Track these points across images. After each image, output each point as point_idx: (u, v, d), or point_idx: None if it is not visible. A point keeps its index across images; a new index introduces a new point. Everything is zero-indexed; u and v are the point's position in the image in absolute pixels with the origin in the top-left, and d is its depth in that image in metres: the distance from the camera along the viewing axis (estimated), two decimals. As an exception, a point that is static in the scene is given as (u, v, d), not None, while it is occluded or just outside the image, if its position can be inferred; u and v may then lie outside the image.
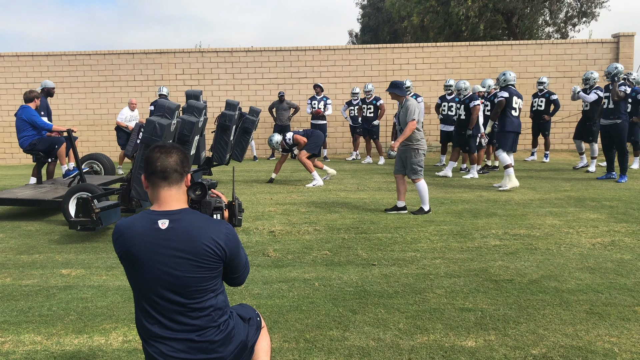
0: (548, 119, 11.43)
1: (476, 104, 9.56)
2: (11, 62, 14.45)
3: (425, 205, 6.73)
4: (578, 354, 3.04)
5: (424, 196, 6.69)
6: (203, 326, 2.06)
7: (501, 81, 8.78)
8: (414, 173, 6.62)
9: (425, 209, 6.72)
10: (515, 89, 8.70)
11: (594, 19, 21.08)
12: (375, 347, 3.18)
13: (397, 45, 14.65)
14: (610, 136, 8.81)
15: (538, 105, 11.51)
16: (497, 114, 8.62)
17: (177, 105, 6.13)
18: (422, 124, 6.75)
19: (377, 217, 6.60)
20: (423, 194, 6.68)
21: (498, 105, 8.59)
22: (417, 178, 6.63)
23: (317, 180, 8.98)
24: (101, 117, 14.67)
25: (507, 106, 8.53)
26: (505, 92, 8.54)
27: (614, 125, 8.70)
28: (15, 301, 4.06)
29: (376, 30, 29.86)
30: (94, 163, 8.96)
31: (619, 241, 5.34)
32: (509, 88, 8.62)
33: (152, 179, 2.08)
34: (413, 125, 6.46)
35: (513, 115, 8.52)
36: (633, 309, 3.67)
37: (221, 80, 14.54)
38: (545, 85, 11.48)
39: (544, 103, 11.39)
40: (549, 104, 11.38)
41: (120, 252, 2.08)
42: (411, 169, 6.64)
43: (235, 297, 4.00)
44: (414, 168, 6.62)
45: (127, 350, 3.20)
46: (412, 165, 6.63)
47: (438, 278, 4.36)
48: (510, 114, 8.52)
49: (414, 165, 6.61)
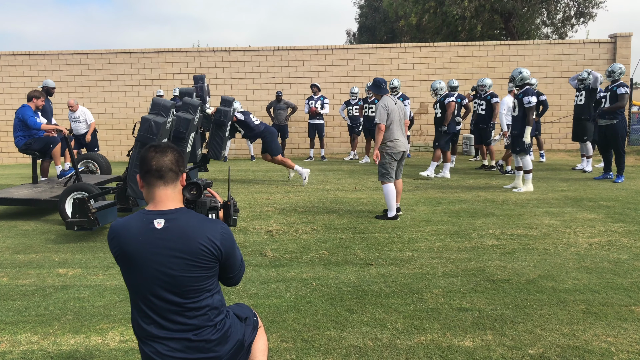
0: (537, 119, 11.43)
1: (450, 101, 9.62)
2: (8, 61, 14.41)
3: (390, 211, 6.40)
4: (575, 354, 3.04)
5: (387, 201, 6.36)
6: (199, 325, 2.06)
7: (518, 80, 8.23)
8: (380, 175, 6.40)
9: (389, 215, 6.40)
10: (532, 88, 8.32)
11: (592, 19, 21.14)
12: (373, 346, 3.18)
13: (395, 45, 14.65)
14: (607, 136, 8.79)
15: None
16: (532, 120, 7.95)
17: (172, 103, 6.12)
18: (399, 125, 6.33)
19: (375, 217, 6.59)
20: (387, 198, 6.34)
21: (531, 110, 7.92)
22: (382, 181, 6.38)
23: (301, 171, 8.98)
24: (98, 116, 14.60)
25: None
26: (534, 97, 7.96)
27: (609, 126, 8.70)
28: (12, 301, 4.05)
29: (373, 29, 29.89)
30: (89, 162, 8.94)
31: (615, 241, 5.35)
32: (528, 90, 8.09)
33: (148, 178, 2.08)
34: (378, 129, 6.21)
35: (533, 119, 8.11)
36: (630, 308, 3.67)
37: (219, 80, 14.52)
38: (534, 86, 11.46)
39: None
40: (538, 105, 11.38)
41: (116, 252, 2.08)
42: (378, 171, 6.44)
43: (232, 296, 3.99)
44: (379, 170, 6.39)
45: (124, 350, 3.19)
46: (378, 167, 6.43)
47: (435, 278, 4.36)
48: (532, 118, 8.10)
49: (379, 167, 6.39)
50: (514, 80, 8.35)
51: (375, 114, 6.33)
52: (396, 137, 6.30)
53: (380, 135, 6.24)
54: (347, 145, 14.53)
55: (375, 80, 6.38)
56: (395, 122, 6.29)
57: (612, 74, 8.74)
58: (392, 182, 6.35)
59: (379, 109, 6.24)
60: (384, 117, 6.22)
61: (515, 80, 8.31)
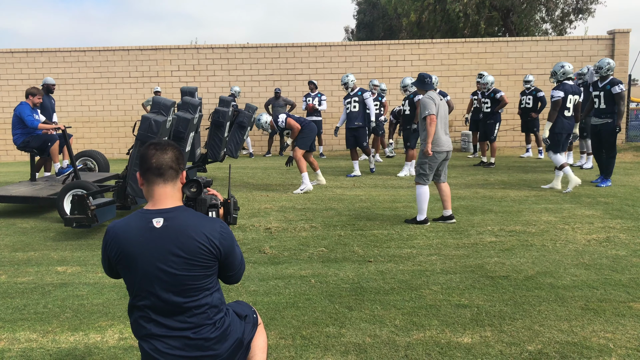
0: (535, 116, 11.44)
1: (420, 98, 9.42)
2: (5, 58, 14.37)
3: (421, 214, 5.99)
4: (573, 350, 3.05)
5: (419, 203, 5.96)
6: (199, 324, 2.06)
7: (560, 74, 7.87)
8: (417, 175, 5.98)
9: (419, 218, 6.00)
10: (571, 83, 7.88)
11: (590, 16, 21.14)
12: (372, 343, 3.18)
13: (393, 42, 14.63)
14: (601, 136, 8.25)
15: (526, 102, 11.50)
16: (555, 115, 7.70)
17: (172, 102, 6.12)
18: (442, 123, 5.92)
19: (373, 214, 6.60)
20: (420, 200, 5.94)
21: (555, 105, 7.69)
22: (417, 182, 5.96)
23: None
24: (96, 114, 14.60)
25: (561, 105, 7.75)
26: (561, 91, 7.69)
27: (605, 125, 8.17)
28: (11, 299, 4.05)
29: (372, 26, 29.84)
30: (87, 160, 8.93)
31: (614, 237, 5.36)
32: (564, 84, 7.78)
33: (147, 175, 2.07)
34: (430, 120, 5.73)
35: (565, 116, 7.77)
36: (628, 304, 3.68)
37: (217, 77, 14.50)
38: (531, 83, 11.46)
39: (532, 100, 11.39)
40: (536, 102, 11.39)
41: (115, 254, 2.05)
42: (415, 170, 6.00)
43: (231, 294, 3.99)
44: (416, 169, 5.99)
45: (123, 348, 3.20)
46: (416, 166, 6.04)
47: (434, 274, 4.37)
48: (561, 115, 7.76)
49: (417, 166, 5.99)
50: (555, 75, 7.97)
51: (422, 107, 5.82)
52: (439, 135, 5.84)
53: (432, 127, 5.73)
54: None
55: (420, 75, 5.99)
56: (441, 119, 5.86)
57: (600, 70, 8.24)
58: (427, 184, 5.91)
59: (426, 100, 5.79)
60: (433, 108, 5.75)
61: (556, 75, 7.93)
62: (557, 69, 7.97)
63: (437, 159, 5.84)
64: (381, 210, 6.77)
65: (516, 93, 14.21)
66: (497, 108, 10.54)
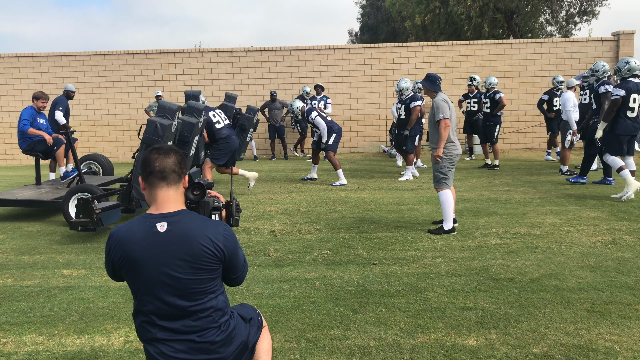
0: (553, 115, 11.32)
1: (416, 105, 9.27)
2: (11, 62, 14.46)
3: (447, 223, 5.72)
4: (579, 353, 3.04)
5: (445, 210, 5.70)
6: (204, 327, 2.06)
7: (624, 71, 7.36)
8: (436, 181, 5.78)
9: (446, 228, 5.71)
10: (637, 81, 7.28)
11: (595, 17, 21.08)
12: (377, 346, 3.18)
13: (397, 45, 14.64)
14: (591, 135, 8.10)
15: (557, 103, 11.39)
16: (612, 114, 7.22)
17: (178, 107, 6.15)
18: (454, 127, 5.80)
19: (378, 216, 6.60)
20: (445, 206, 5.68)
21: (613, 104, 7.20)
22: (439, 187, 5.76)
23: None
24: (101, 117, 14.66)
25: (622, 105, 7.20)
26: (622, 90, 7.18)
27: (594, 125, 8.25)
28: (17, 302, 4.07)
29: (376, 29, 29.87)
30: (92, 164, 8.97)
31: (619, 239, 5.34)
32: (628, 82, 7.25)
33: (150, 179, 2.08)
34: (445, 125, 5.59)
35: (627, 116, 7.23)
36: (634, 307, 3.66)
37: (221, 81, 14.54)
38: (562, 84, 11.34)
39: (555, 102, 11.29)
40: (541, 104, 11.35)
41: (119, 259, 2.05)
42: (433, 176, 5.81)
43: (236, 296, 4.00)
44: (436, 175, 5.77)
45: (128, 351, 3.21)
46: (434, 172, 5.81)
47: (439, 277, 4.36)
48: (623, 115, 7.23)
49: (435, 172, 5.78)
50: (619, 72, 7.44)
51: (436, 109, 5.67)
52: (452, 139, 5.72)
53: (447, 132, 5.60)
54: (349, 145, 14.53)
55: (430, 75, 5.80)
56: (452, 122, 5.74)
57: (595, 73, 8.16)
58: (450, 187, 5.75)
59: (441, 103, 5.64)
60: (448, 111, 5.62)
61: (621, 72, 7.41)
62: (621, 66, 7.41)
63: (453, 161, 5.75)
64: (385, 213, 6.76)
65: (520, 95, 14.19)
66: (496, 110, 10.49)
